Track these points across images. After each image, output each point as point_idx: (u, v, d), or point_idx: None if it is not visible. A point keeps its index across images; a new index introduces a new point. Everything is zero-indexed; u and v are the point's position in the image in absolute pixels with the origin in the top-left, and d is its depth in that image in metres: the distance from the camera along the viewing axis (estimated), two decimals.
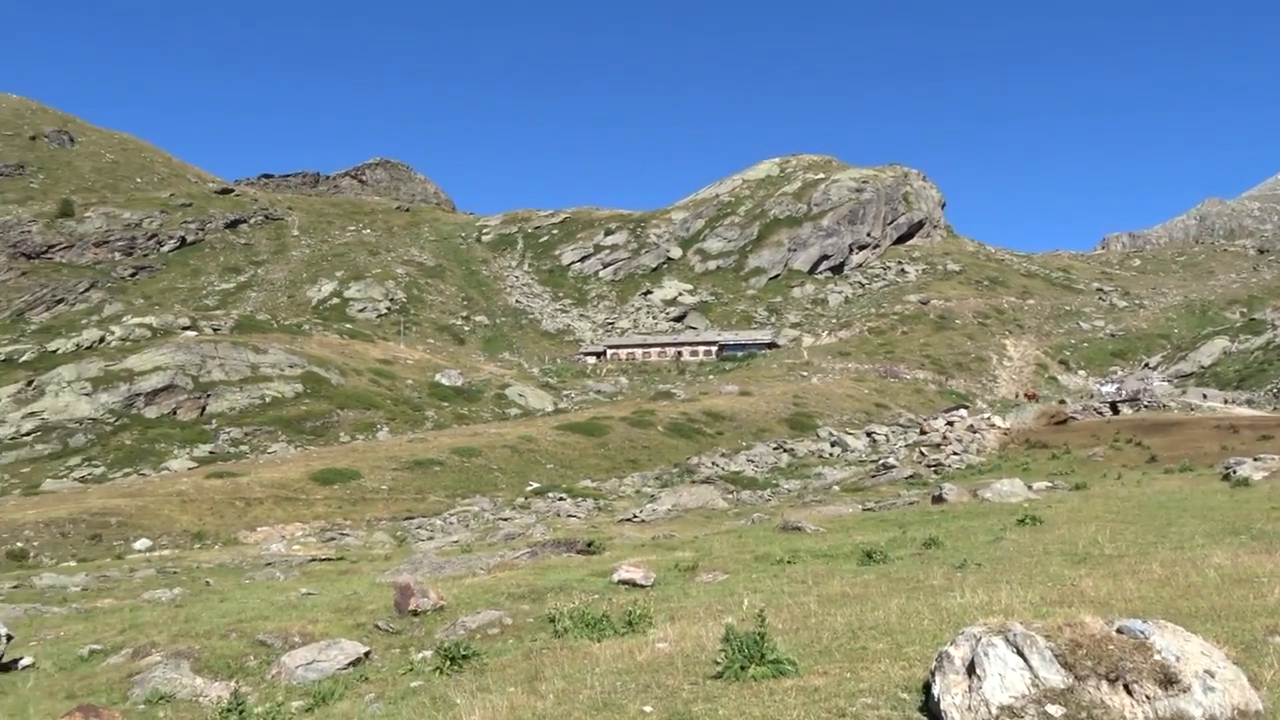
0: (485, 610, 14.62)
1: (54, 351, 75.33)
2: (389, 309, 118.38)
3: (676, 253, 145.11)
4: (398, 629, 14.50)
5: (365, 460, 55.57)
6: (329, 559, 33.16)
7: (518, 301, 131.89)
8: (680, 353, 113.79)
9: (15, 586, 29.80)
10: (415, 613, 15.02)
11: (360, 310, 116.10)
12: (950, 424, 57.34)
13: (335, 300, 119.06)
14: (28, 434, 61.39)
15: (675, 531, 28.64)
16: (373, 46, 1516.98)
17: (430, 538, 40.24)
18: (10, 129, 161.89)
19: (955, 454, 48.97)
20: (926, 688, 6.22)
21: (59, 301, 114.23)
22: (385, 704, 9.82)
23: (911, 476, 43.98)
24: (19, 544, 39.49)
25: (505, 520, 43.03)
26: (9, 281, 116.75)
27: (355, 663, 12.79)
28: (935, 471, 44.78)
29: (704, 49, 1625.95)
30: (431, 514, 47.04)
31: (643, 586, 15.71)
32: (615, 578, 16.31)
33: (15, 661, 14.97)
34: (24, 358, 76.56)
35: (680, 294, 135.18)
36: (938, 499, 27.21)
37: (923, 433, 58.23)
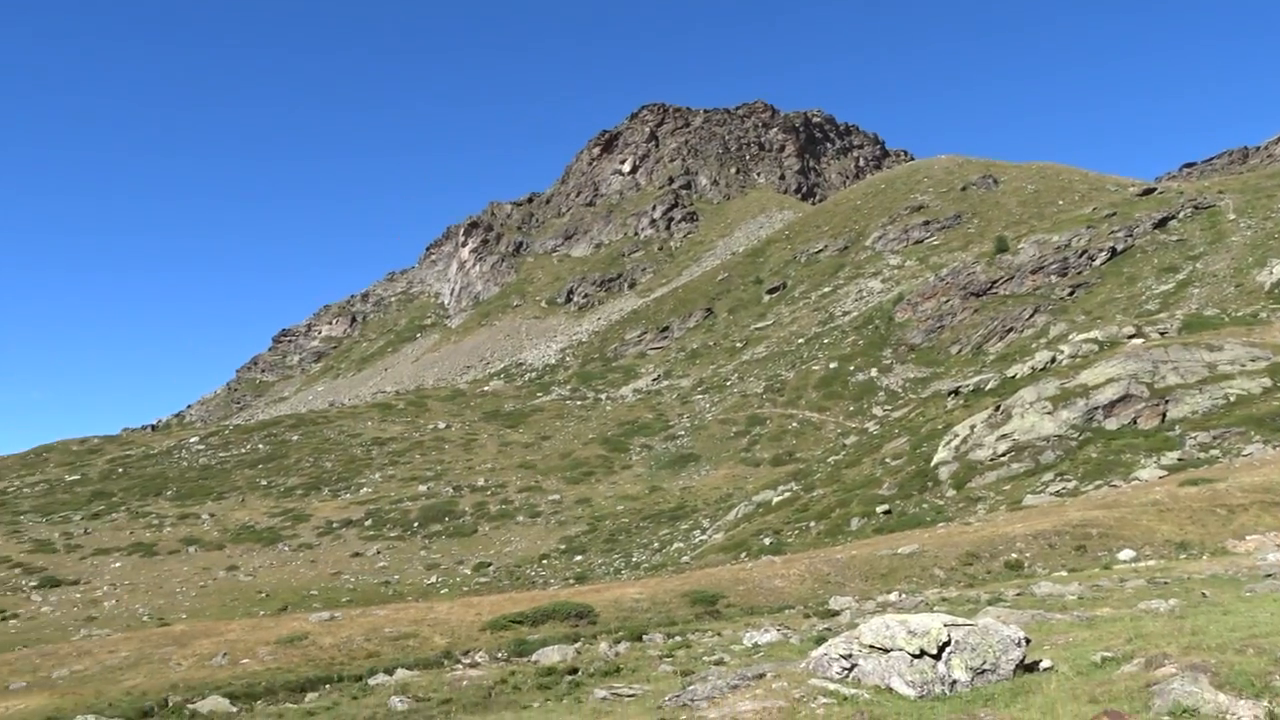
0: None
1: (1013, 377, 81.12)
2: None
3: None
4: None
5: None
6: None
7: None
8: None
9: (1018, 594, 32.51)
10: None
11: None
12: None
13: None
14: (1003, 454, 66.89)
15: None
16: None
17: None
18: (944, 186, 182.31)
19: None
20: None
21: (1009, 330, 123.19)
22: None
23: None
24: (1013, 555, 43.05)
25: None
26: (964, 320, 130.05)
27: None
28: None
29: None
30: None
31: None
32: None
33: (1036, 663, 16.28)
34: (989, 386, 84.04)
35: None
36: None
37: None
